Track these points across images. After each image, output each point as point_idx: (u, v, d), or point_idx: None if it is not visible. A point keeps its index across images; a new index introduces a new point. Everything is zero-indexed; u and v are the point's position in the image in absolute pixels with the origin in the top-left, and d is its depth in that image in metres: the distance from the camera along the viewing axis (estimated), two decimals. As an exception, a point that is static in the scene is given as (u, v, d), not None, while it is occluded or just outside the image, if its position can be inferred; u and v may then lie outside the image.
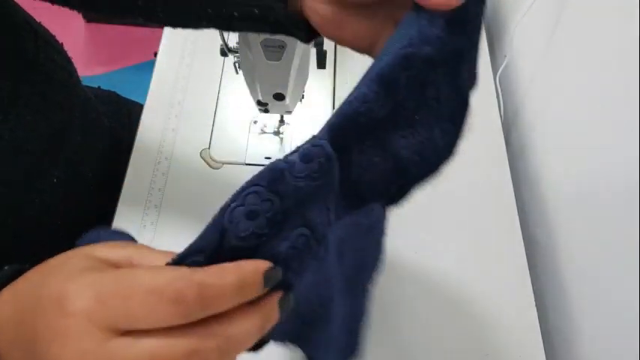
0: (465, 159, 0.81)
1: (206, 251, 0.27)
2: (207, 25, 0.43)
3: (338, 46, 0.89)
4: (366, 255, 0.40)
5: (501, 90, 0.87)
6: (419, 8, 0.35)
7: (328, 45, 0.87)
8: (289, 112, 0.70)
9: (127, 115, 0.83)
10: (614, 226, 0.62)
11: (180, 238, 0.67)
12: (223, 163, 0.75)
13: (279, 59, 0.57)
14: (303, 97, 0.70)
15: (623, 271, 0.59)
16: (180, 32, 0.88)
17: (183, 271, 0.24)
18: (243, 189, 0.29)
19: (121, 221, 0.69)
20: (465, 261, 0.70)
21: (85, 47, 1.84)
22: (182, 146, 0.76)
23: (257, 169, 0.28)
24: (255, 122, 0.80)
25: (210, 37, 0.87)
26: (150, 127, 0.77)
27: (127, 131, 0.79)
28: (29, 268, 0.28)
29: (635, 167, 0.57)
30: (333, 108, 0.83)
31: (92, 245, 0.28)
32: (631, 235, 0.57)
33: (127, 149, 0.76)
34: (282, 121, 0.78)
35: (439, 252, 0.69)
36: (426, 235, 0.70)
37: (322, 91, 0.84)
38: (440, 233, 0.71)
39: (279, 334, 0.33)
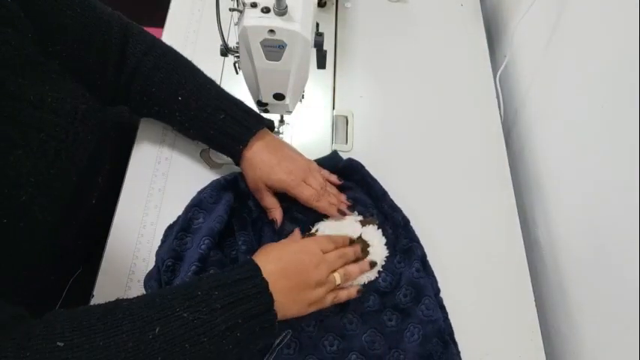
0: (465, 159, 0.82)
1: None
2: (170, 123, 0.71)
3: (338, 46, 0.90)
4: None
5: (501, 90, 0.87)
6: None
7: (328, 45, 0.87)
8: (289, 112, 0.70)
9: (128, 117, 0.83)
10: (614, 225, 0.62)
11: (180, 238, 0.67)
12: (223, 164, 0.75)
13: (279, 59, 0.57)
14: (303, 97, 0.70)
15: (623, 271, 0.59)
16: (180, 32, 0.88)
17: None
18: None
19: (121, 221, 0.69)
20: (465, 261, 0.70)
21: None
22: (182, 146, 0.76)
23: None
24: (255, 122, 0.80)
25: (210, 37, 0.87)
26: (150, 127, 0.77)
27: (127, 133, 0.79)
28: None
29: (635, 167, 0.57)
30: (333, 108, 0.83)
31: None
32: (631, 235, 0.57)
33: (127, 150, 0.75)
34: (282, 121, 0.78)
35: (439, 252, 0.69)
36: (426, 235, 0.70)
37: (322, 91, 0.84)
38: (440, 233, 0.71)
39: None
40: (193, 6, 0.91)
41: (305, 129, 0.80)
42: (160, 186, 0.73)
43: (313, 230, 0.68)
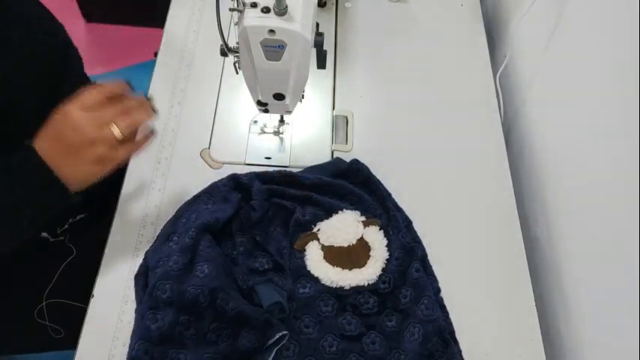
0: (465, 159, 0.82)
1: None
2: None
3: (338, 46, 0.90)
4: None
5: (501, 90, 0.87)
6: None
7: (328, 45, 0.87)
8: (289, 112, 0.70)
9: None
10: (614, 225, 0.62)
11: (180, 238, 0.67)
12: (223, 163, 0.75)
13: (279, 59, 0.57)
14: (303, 97, 0.70)
15: (623, 271, 0.59)
16: (180, 32, 0.88)
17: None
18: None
19: (121, 220, 0.69)
20: (465, 261, 0.70)
21: (86, 47, 1.84)
22: (182, 146, 0.76)
23: (257, 169, 0.29)
24: (255, 122, 0.80)
25: (210, 37, 0.87)
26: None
27: None
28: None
29: (635, 167, 0.57)
30: (333, 108, 0.83)
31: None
32: (631, 235, 0.57)
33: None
34: (282, 121, 0.78)
35: (439, 252, 0.69)
36: (425, 235, 0.70)
37: (322, 91, 0.84)
38: (440, 233, 0.71)
39: None
40: (193, 6, 0.91)
41: (305, 129, 0.80)
42: (159, 186, 0.73)
43: (315, 230, 0.68)
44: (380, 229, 0.68)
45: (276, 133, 0.79)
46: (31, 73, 0.62)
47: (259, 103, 0.66)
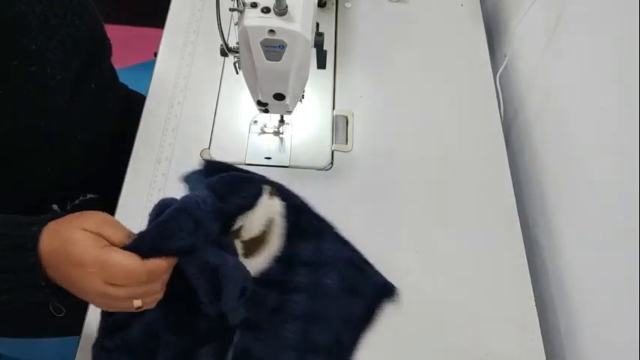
0: (465, 159, 0.82)
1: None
2: None
3: (338, 46, 0.90)
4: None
5: (501, 90, 0.87)
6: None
7: (328, 45, 0.87)
8: (289, 112, 0.70)
9: (129, 114, 0.84)
10: (614, 225, 0.62)
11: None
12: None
13: (279, 59, 0.57)
14: (303, 97, 0.70)
15: (623, 271, 0.59)
16: (180, 32, 0.88)
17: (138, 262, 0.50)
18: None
19: (121, 221, 0.69)
20: (465, 261, 0.70)
21: (85, 47, 1.84)
22: (182, 146, 0.76)
23: (257, 169, 0.29)
24: (255, 122, 0.80)
25: (210, 37, 0.87)
26: (150, 127, 0.77)
27: (128, 127, 0.80)
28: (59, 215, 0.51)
29: (635, 167, 0.57)
30: (334, 108, 0.83)
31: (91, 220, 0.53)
32: (631, 235, 0.57)
33: (128, 148, 0.76)
34: (282, 121, 0.78)
35: (439, 252, 0.69)
36: (426, 235, 0.70)
37: (322, 91, 0.84)
38: (440, 233, 0.71)
39: None
40: (193, 6, 0.91)
41: (305, 129, 0.80)
42: (160, 186, 0.73)
43: (236, 227, 0.62)
44: (278, 199, 0.66)
45: (276, 133, 0.79)
46: (65, 55, 0.64)
47: (259, 103, 0.66)
